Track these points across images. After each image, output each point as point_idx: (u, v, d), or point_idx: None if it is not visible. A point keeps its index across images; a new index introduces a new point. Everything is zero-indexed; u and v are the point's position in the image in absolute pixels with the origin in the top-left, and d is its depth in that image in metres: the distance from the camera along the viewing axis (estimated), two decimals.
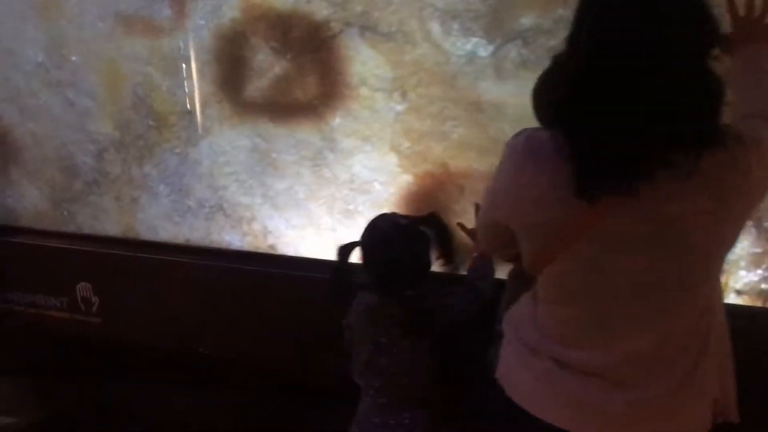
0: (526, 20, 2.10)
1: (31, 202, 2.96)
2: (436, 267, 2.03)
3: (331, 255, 2.53)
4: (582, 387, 1.29)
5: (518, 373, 1.39)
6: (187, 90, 2.54)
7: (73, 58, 2.68)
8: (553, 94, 1.24)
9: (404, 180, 2.39)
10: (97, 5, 2.56)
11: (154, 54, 2.55)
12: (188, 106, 2.55)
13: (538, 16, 2.08)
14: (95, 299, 2.86)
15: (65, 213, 2.92)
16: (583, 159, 1.13)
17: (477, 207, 2.12)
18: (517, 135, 1.30)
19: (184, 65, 2.51)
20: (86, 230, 2.90)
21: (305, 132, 2.45)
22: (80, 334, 2.91)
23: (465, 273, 2.10)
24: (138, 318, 2.80)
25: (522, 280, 1.75)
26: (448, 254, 2.05)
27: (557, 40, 2.06)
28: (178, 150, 2.64)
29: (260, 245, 2.65)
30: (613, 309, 1.26)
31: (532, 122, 2.20)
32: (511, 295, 1.92)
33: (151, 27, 2.51)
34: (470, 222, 2.14)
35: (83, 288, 2.87)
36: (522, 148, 1.25)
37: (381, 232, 1.95)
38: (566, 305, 1.31)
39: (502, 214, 1.34)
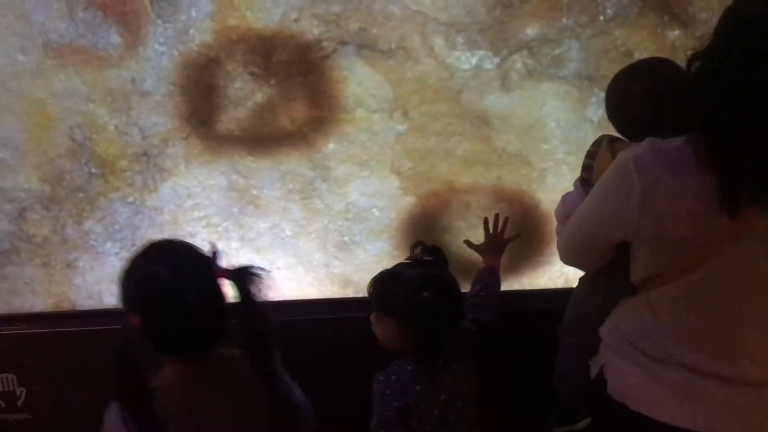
0: (531, 30, 2.14)
1: None
2: None
3: (326, 292, 2.37)
4: (725, 391, 1.26)
5: (648, 386, 1.33)
6: (142, 128, 2.20)
7: None
8: (705, 102, 1.16)
9: (406, 203, 2.28)
10: (17, 35, 2.12)
11: (96, 89, 2.17)
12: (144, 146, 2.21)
13: (542, 26, 2.13)
14: (20, 391, 2.34)
15: None
16: (736, 168, 1.11)
17: (486, 221, 2.09)
18: (634, 149, 1.24)
19: (138, 99, 2.17)
20: (0, 310, 2.37)
21: (293, 163, 2.24)
22: None
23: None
24: (83, 405, 2.32)
25: (602, 291, 1.74)
26: None
27: (562, 49, 2.17)
28: (130, 199, 2.26)
29: None
30: (752, 316, 1.24)
31: (540, 131, 2.26)
32: (586, 305, 1.90)
33: (93, 58, 2.14)
34: (477, 238, 2.10)
35: (3, 381, 2.33)
36: (651, 161, 1.19)
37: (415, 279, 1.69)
38: (698, 314, 1.27)
39: (620, 231, 1.29)
